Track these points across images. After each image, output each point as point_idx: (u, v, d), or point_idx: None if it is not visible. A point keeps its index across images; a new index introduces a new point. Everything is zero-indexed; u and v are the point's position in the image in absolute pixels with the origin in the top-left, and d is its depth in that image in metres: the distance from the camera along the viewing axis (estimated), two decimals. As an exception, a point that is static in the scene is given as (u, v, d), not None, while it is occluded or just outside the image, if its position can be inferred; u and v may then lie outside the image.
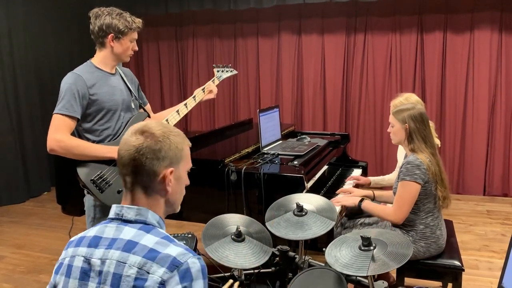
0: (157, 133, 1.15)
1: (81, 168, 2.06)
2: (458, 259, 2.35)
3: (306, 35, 5.52)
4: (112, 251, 1.07)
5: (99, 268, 1.07)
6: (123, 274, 1.04)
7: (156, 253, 1.05)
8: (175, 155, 1.16)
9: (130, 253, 1.06)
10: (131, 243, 1.07)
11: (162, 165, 1.14)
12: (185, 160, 1.21)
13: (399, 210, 2.26)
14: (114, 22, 2.11)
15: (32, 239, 4.13)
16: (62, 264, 1.14)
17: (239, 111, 5.95)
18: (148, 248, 1.06)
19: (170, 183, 1.16)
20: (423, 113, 2.33)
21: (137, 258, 1.04)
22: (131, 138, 1.14)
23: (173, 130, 1.20)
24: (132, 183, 1.15)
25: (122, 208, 1.15)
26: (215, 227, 1.93)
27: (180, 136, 1.20)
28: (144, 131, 1.15)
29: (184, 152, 1.20)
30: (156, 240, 1.08)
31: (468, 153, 5.08)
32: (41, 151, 5.27)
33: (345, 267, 1.65)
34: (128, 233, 1.10)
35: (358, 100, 5.42)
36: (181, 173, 1.20)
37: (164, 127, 1.18)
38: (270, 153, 2.81)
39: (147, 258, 1.04)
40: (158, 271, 1.02)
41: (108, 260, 1.07)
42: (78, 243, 1.14)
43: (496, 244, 3.74)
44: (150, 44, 6.25)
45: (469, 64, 4.97)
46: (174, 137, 1.17)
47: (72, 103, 2.05)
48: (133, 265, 1.04)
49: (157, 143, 1.13)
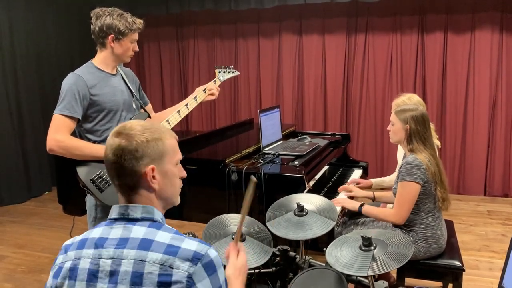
0: (132, 133, 1.14)
1: (81, 168, 2.06)
2: (458, 259, 2.35)
3: (307, 36, 5.53)
4: (126, 251, 1.07)
5: (110, 268, 1.07)
6: (144, 272, 1.04)
7: (175, 248, 1.06)
8: (154, 152, 1.15)
9: (148, 251, 1.06)
10: (145, 241, 1.08)
11: (141, 164, 1.13)
12: (169, 154, 1.19)
13: (400, 210, 2.26)
14: (115, 23, 2.11)
15: (33, 239, 4.14)
16: (62, 268, 1.12)
17: (240, 111, 5.96)
18: (165, 244, 1.07)
19: (154, 180, 1.16)
20: (425, 115, 2.33)
21: (157, 255, 1.05)
22: (110, 141, 1.16)
23: (151, 127, 1.18)
24: (119, 185, 1.16)
25: (128, 207, 1.15)
26: (216, 227, 1.93)
27: (158, 131, 1.18)
28: (120, 133, 1.15)
29: (165, 146, 1.18)
30: (170, 236, 1.10)
31: (469, 153, 5.08)
32: (42, 151, 5.28)
33: (345, 267, 1.65)
34: (139, 231, 1.11)
35: (358, 100, 5.43)
36: (166, 167, 1.18)
37: (141, 125, 1.17)
38: (270, 153, 2.81)
39: (168, 253, 1.05)
40: (182, 265, 1.04)
41: (124, 260, 1.06)
42: (80, 246, 1.13)
43: (496, 244, 3.74)
44: (151, 45, 6.25)
45: (470, 64, 4.97)
46: (150, 133, 1.15)
47: (73, 104, 2.05)
48: (155, 262, 1.05)
49: (132, 143, 1.13)
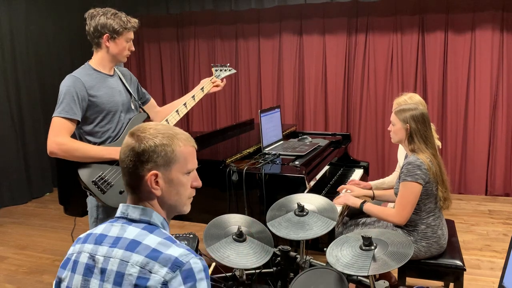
0: (143, 135, 1.13)
1: (82, 169, 2.07)
2: (459, 259, 2.34)
3: (307, 36, 5.53)
4: (116, 250, 1.08)
5: (101, 266, 1.08)
6: (125, 272, 1.05)
7: (158, 253, 1.05)
8: (161, 158, 1.12)
9: (133, 252, 1.06)
10: (134, 242, 1.08)
11: (145, 168, 1.12)
12: (178, 162, 1.15)
13: (402, 211, 2.26)
14: (109, 22, 2.10)
15: (34, 239, 4.15)
16: (70, 259, 1.16)
17: (241, 112, 5.96)
18: (150, 248, 1.07)
19: (156, 186, 1.13)
20: (425, 114, 2.33)
21: (140, 257, 1.05)
22: (125, 139, 1.16)
23: (165, 132, 1.15)
24: (125, 183, 1.17)
25: (128, 208, 1.16)
26: (217, 227, 1.93)
27: (171, 137, 1.14)
28: (133, 133, 1.15)
29: (175, 153, 1.14)
30: (158, 240, 1.09)
31: (470, 153, 5.07)
32: (43, 152, 5.28)
33: (346, 267, 1.65)
34: (132, 232, 1.11)
35: (359, 100, 5.43)
36: (173, 175, 1.15)
37: (156, 128, 1.15)
38: (271, 154, 2.81)
39: (150, 257, 1.05)
40: (160, 271, 1.03)
41: (112, 258, 1.08)
42: (85, 240, 1.16)
43: (498, 244, 3.73)
44: (152, 45, 6.26)
45: (471, 63, 4.97)
46: (162, 138, 1.13)
47: (72, 106, 2.05)
48: (136, 264, 1.04)
49: (141, 145, 1.11)
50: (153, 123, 1.20)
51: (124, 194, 2.11)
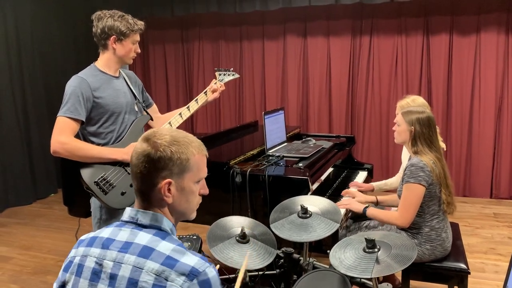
0: (160, 142, 1.11)
1: (85, 170, 2.08)
2: (464, 262, 2.33)
3: (311, 37, 5.53)
4: (127, 256, 1.06)
5: (111, 271, 1.06)
6: (139, 280, 1.03)
7: (174, 261, 1.04)
8: (176, 166, 1.12)
9: (147, 259, 1.05)
10: (147, 249, 1.07)
11: (160, 175, 1.11)
12: (192, 171, 1.15)
13: (405, 213, 2.25)
14: (116, 24, 2.13)
15: (39, 240, 4.17)
16: (72, 262, 1.14)
17: (245, 113, 5.97)
18: (165, 255, 1.05)
19: (168, 194, 1.13)
20: (431, 117, 2.33)
21: (155, 264, 1.04)
22: (138, 144, 1.14)
23: (180, 140, 1.14)
24: (136, 189, 1.16)
25: (138, 213, 1.14)
26: (220, 229, 1.94)
27: (186, 146, 1.14)
28: (148, 139, 1.13)
29: (189, 163, 1.14)
30: (172, 247, 1.08)
31: (475, 155, 5.05)
32: (47, 153, 5.23)
33: (349, 269, 1.65)
34: (143, 238, 1.10)
35: (364, 102, 5.42)
36: (185, 184, 1.15)
37: (172, 136, 1.14)
38: (275, 155, 2.81)
39: (165, 265, 1.03)
40: (177, 279, 1.02)
41: (124, 264, 1.06)
42: (90, 243, 1.14)
43: (502, 247, 3.71)
44: (156, 47, 6.28)
45: (476, 66, 4.95)
46: (178, 147, 1.12)
47: (77, 106, 2.07)
48: (151, 272, 1.03)
49: (157, 152, 1.10)
50: (166, 128, 1.20)
51: (125, 195, 2.12)
